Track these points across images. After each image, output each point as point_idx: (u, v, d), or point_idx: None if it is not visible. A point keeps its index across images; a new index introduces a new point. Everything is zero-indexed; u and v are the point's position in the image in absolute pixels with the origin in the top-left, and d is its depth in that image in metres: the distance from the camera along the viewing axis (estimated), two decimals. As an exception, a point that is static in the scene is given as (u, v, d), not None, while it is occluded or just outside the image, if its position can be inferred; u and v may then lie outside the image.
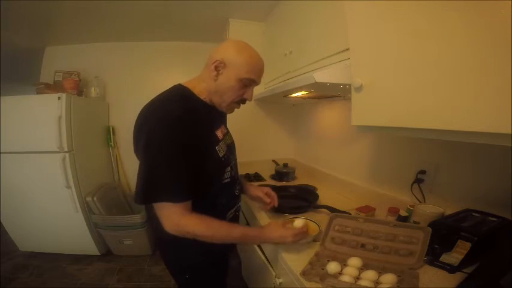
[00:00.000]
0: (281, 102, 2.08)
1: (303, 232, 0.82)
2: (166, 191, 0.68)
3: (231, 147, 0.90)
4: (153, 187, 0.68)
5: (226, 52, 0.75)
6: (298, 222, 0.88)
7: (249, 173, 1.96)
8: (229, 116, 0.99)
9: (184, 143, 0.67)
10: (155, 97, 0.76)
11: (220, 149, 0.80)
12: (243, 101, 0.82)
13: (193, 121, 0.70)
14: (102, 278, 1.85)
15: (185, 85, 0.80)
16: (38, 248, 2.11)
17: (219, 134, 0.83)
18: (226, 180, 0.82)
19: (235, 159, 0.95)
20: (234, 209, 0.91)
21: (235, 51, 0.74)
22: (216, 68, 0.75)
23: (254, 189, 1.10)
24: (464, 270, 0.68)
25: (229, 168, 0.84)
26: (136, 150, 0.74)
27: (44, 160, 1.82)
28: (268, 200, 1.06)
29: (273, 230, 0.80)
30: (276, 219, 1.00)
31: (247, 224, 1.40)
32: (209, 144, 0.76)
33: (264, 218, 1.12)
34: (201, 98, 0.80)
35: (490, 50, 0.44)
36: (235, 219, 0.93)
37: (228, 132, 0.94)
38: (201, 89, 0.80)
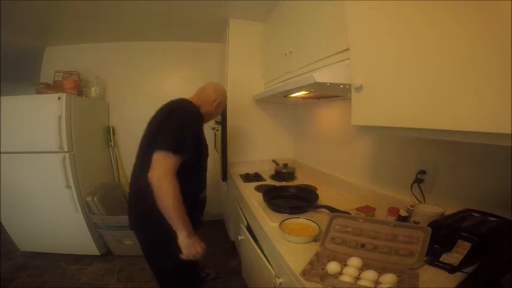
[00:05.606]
0: (281, 102, 2.08)
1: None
2: (170, 143, 0.90)
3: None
4: (162, 139, 0.91)
5: (217, 94, 1.21)
6: None
7: (249, 173, 1.95)
8: (229, 116, 1.11)
9: (199, 127, 1.02)
10: (171, 100, 1.05)
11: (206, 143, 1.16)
12: None
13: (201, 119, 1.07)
14: (102, 278, 1.85)
15: (190, 100, 1.11)
16: (38, 248, 2.11)
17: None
18: (205, 164, 1.16)
19: None
20: (203, 193, 1.14)
21: (220, 92, 1.24)
22: (217, 105, 1.22)
23: None
24: (464, 270, 0.68)
25: (207, 158, 1.16)
26: (149, 135, 0.98)
27: (44, 160, 1.82)
28: None
29: (194, 238, 0.96)
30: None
31: (247, 222, 1.40)
32: (204, 137, 1.11)
33: (263, 216, 1.12)
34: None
35: (490, 50, 0.44)
36: (203, 204, 1.17)
37: None
38: (202, 110, 1.09)
